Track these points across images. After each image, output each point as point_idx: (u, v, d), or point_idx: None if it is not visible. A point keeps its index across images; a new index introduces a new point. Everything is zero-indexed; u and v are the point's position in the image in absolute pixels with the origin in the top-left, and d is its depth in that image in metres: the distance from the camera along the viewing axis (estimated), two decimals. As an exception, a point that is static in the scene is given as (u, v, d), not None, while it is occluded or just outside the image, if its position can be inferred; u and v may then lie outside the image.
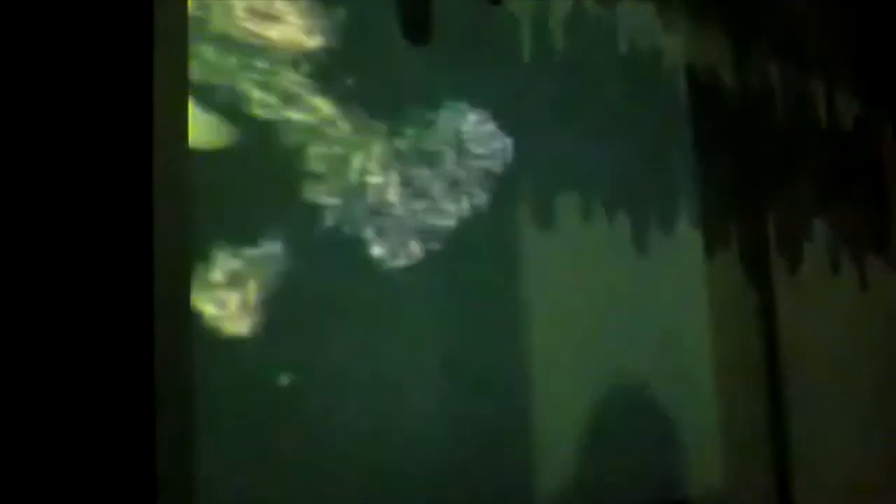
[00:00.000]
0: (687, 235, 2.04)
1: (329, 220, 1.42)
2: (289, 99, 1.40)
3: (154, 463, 1.13)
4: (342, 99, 1.46)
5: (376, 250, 1.47)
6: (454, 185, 1.60)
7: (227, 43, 1.34)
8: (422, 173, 1.56)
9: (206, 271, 1.26)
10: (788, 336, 2.30)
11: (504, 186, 1.68)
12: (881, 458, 2.59)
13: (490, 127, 1.68)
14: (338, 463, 1.36)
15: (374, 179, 1.49)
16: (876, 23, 2.87)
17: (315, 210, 1.41)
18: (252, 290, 1.32)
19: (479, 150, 1.66)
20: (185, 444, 1.19)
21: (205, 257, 1.26)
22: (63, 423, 1.09)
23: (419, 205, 1.54)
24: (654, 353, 1.91)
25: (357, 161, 1.46)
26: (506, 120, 1.70)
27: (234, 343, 1.28)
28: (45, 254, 1.11)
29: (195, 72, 1.29)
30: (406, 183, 1.53)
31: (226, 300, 1.28)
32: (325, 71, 1.45)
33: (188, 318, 1.22)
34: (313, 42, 1.44)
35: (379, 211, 1.49)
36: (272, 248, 1.34)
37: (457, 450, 1.52)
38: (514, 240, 1.69)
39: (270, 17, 1.39)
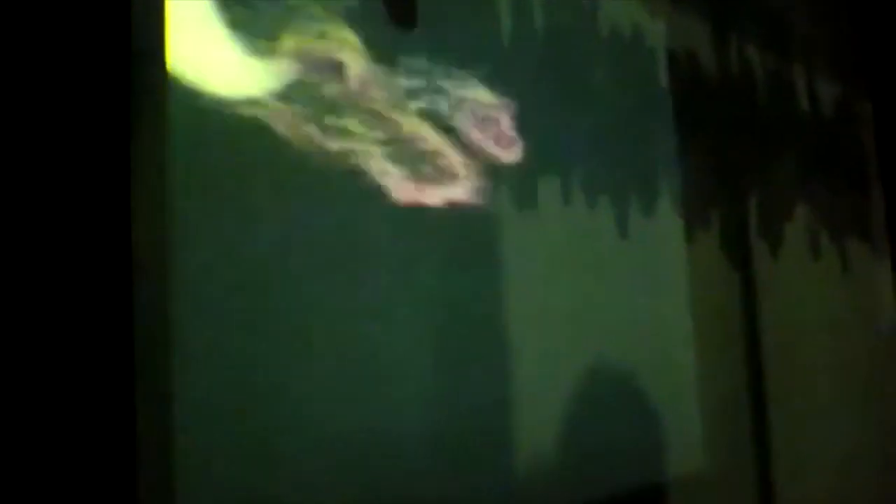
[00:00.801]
0: (668, 219, 2.04)
1: (310, 206, 1.41)
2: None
3: (135, 453, 1.13)
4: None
5: (356, 232, 1.46)
6: (434, 168, 1.59)
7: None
8: (401, 156, 1.55)
9: (186, 259, 1.25)
10: (770, 319, 2.31)
11: (485, 170, 1.67)
12: (861, 441, 2.60)
13: (472, 110, 1.67)
14: (318, 451, 1.35)
15: (352, 163, 1.47)
16: (857, 7, 2.88)
17: (296, 195, 1.39)
18: (231, 279, 1.31)
19: (462, 133, 1.65)
20: (165, 432, 1.19)
21: (184, 244, 1.25)
22: (40, 416, 1.08)
23: (398, 190, 1.53)
24: (635, 337, 1.91)
25: (340, 145, 1.45)
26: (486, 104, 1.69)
27: (213, 332, 1.27)
28: (13, 239, 1.09)
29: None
30: (382, 167, 1.52)
31: (206, 287, 1.27)
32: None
33: (167, 307, 1.21)
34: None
35: (361, 196, 1.47)
36: (250, 235, 1.33)
37: (439, 436, 1.52)
38: (494, 223, 1.69)
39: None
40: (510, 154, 1.69)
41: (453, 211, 1.60)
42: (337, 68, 1.46)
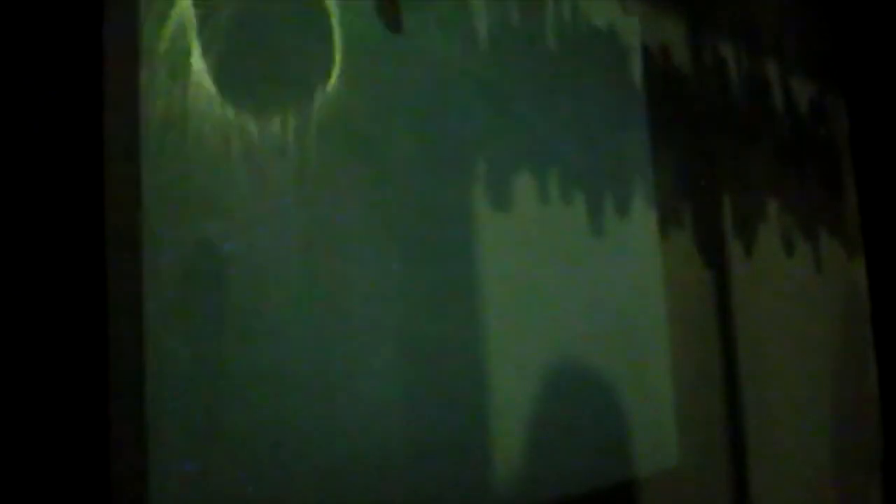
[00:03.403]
0: (642, 217, 2.05)
1: (278, 199, 1.41)
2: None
3: (108, 450, 1.13)
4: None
5: (328, 230, 1.46)
6: (409, 166, 1.59)
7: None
8: (375, 154, 1.55)
9: (156, 256, 1.25)
10: (744, 316, 2.32)
11: (459, 167, 1.68)
12: (836, 439, 2.62)
13: (444, 108, 1.67)
14: (288, 448, 1.35)
15: (329, 159, 1.47)
16: (831, 3, 2.90)
17: (264, 189, 1.39)
18: (198, 273, 1.30)
19: (437, 131, 1.65)
20: (137, 430, 1.18)
21: (154, 239, 1.25)
22: (12, 413, 1.08)
23: (374, 185, 1.53)
24: (609, 335, 1.92)
25: (307, 136, 1.45)
26: (461, 101, 1.70)
27: (181, 329, 1.27)
28: None
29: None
30: (361, 162, 1.52)
31: (174, 283, 1.27)
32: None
33: (139, 304, 1.21)
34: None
35: (332, 190, 1.47)
36: (220, 229, 1.33)
37: (411, 433, 1.52)
38: (469, 221, 1.69)
39: None
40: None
41: (426, 209, 1.60)
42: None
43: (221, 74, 1.35)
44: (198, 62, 1.33)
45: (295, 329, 1.39)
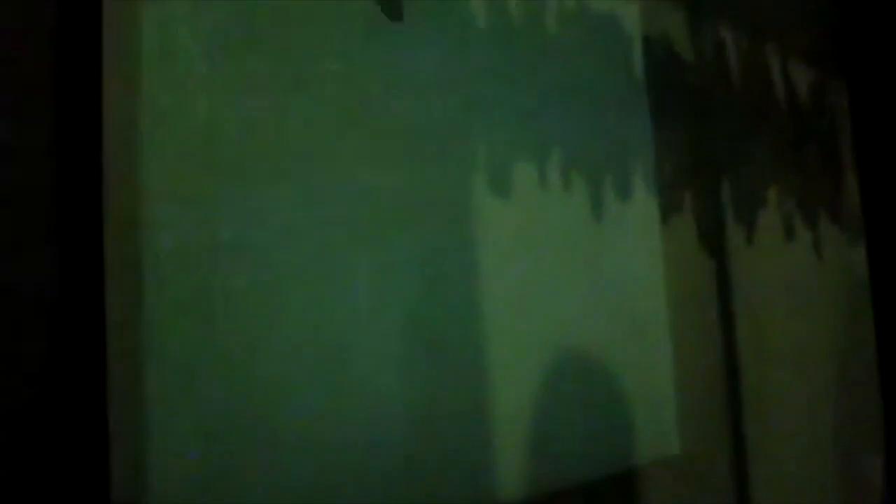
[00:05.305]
0: (643, 203, 2.05)
1: (281, 183, 1.40)
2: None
3: (107, 439, 1.13)
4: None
5: (327, 217, 1.45)
6: (410, 152, 1.59)
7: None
8: (374, 141, 1.54)
9: (156, 235, 1.25)
10: (745, 303, 2.32)
11: (459, 154, 1.67)
12: (837, 426, 2.62)
13: (445, 95, 1.67)
14: (290, 432, 1.35)
15: (332, 145, 1.47)
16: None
17: (263, 177, 1.39)
18: (200, 254, 1.30)
19: (437, 119, 1.65)
20: (136, 419, 1.18)
21: (154, 228, 1.25)
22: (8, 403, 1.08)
23: (374, 172, 1.53)
24: (609, 322, 1.92)
25: (310, 125, 1.45)
26: (461, 88, 1.69)
27: (181, 316, 1.27)
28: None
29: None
30: (360, 150, 1.52)
31: (172, 266, 1.27)
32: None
33: (139, 291, 1.21)
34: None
35: (331, 178, 1.47)
36: (219, 218, 1.33)
37: (410, 419, 1.52)
38: (469, 207, 1.69)
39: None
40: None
41: (427, 195, 1.60)
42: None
43: (219, 64, 1.34)
44: (195, 51, 1.33)
45: (295, 317, 1.39)
